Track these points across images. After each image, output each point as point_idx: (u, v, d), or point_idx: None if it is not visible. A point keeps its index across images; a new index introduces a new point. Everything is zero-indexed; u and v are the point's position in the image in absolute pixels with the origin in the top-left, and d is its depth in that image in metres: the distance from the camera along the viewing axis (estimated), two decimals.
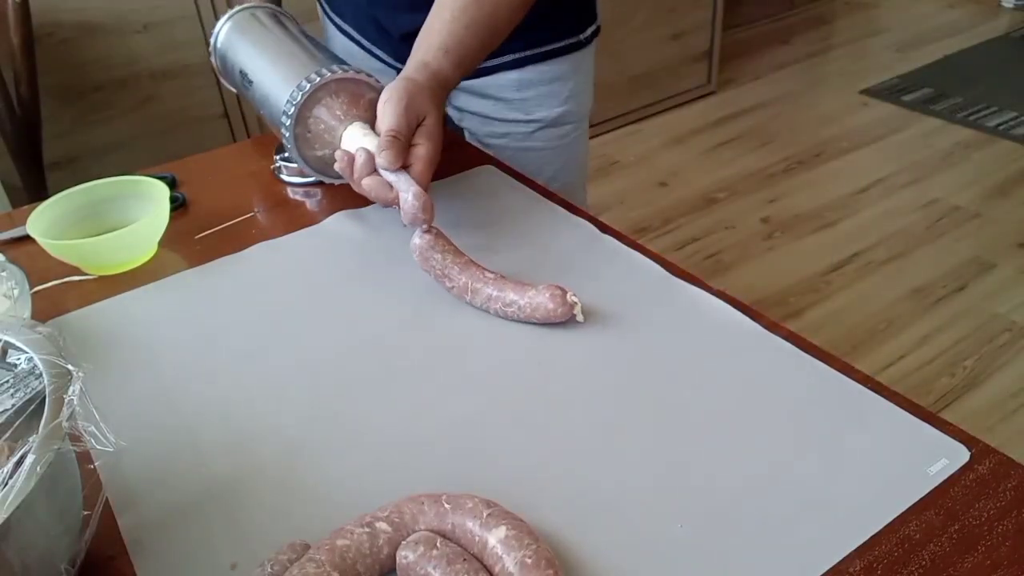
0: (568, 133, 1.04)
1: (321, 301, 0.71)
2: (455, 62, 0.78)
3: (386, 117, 0.71)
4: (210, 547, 0.49)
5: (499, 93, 1.00)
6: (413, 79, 0.75)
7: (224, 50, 0.87)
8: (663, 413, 0.57)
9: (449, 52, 0.78)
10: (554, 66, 0.99)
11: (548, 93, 1.00)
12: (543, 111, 1.01)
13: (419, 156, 0.71)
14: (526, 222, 0.80)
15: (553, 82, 1.00)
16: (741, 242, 2.27)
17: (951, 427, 0.54)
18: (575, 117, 1.04)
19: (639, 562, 0.47)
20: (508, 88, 0.99)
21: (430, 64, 0.77)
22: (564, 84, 1.01)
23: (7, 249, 0.80)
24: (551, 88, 1.00)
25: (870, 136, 2.76)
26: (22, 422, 0.46)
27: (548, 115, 1.01)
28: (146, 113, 1.99)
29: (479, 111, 1.02)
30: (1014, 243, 2.19)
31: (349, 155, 0.72)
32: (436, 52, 0.78)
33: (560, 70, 1.00)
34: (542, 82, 0.99)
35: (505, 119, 1.01)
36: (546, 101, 1.01)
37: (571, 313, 0.64)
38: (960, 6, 3.80)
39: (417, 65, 0.77)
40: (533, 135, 1.02)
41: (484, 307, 0.66)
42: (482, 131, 1.03)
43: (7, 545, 0.39)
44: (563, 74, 1.00)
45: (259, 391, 0.61)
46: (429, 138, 0.72)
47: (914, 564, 0.46)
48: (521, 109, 1.01)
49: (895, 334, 1.90)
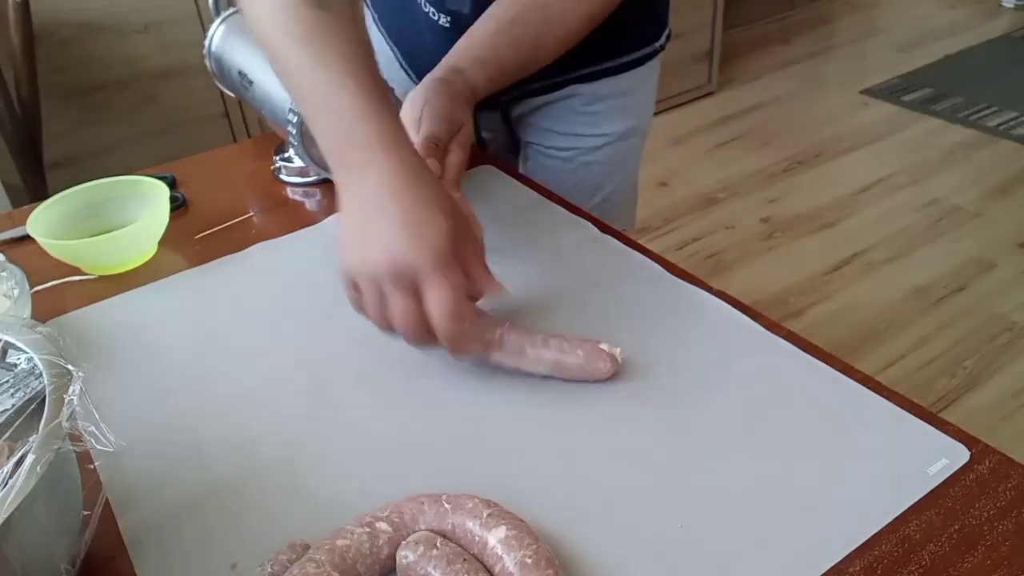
0: (633, 146, 0.99)
1: (321, 301, 0.71)
2: (489, 76, 0.75)
3: (427, 120, 0.68)
4: (210, 547, 0.49)
5: (569, 105, 0.94)
6: (449, 82, 0.72)
7: (220, 52, 0.87)
8: (663, 413, 0.57)
9: (485, 64, 0.75)
10: (627, 79, 0.94)
11: (618, 107, 0.95)
12: (612, 125, 0.96)
13: (452, 164, 0.68)
14: (526, 222, 0.79)
15: (624, 96, 0.95)
16: (741, 242, 2.27)
17: (951, 427, 0.54)
18: (640, 129, 0.99)
19: (639, 562, 0.47)
20: (578, 101, 0.94)
21: (463, 71, 0.74)
22: (633, 97, 0.96)
23: (7, 249, 0.80)
24: (621, 102, 0.95)
25: (870, 136, 2.76)
26: (22, 422, 0.46)
27: (617, 129, 0.96)
28: (146, 113, 1.99)
29: (546, 124, 0.97)
30: (1014, 243, 2.19)
31: None
32: (472, 61, 0.75)
33: (631, 83, 0.95)
34: (613, 96, 0.94)
35: (573, 133, 0.96)
36: (615, 115, 0.95)
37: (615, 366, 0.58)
38: (960, 6, 3.80)
39: (449, 69, 0.74)
40: (600, 149, 0.97)
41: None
42: (547, 144, 0.97)
43: (7, 545, 0.39)
44: (633, 87, 0.95)
45: (259, 391, 0.61)
46: (463, 147, 0.70)
47: (914, 564, 0.46)
48: (591, 123, 0.95)
49: (895, 334, 1.90)
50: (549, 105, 0.95)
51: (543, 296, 0.69)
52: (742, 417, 0.56)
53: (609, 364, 0.58)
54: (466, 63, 0.75)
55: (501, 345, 0.58)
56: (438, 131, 0.68)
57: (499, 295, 0.59)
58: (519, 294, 0.69)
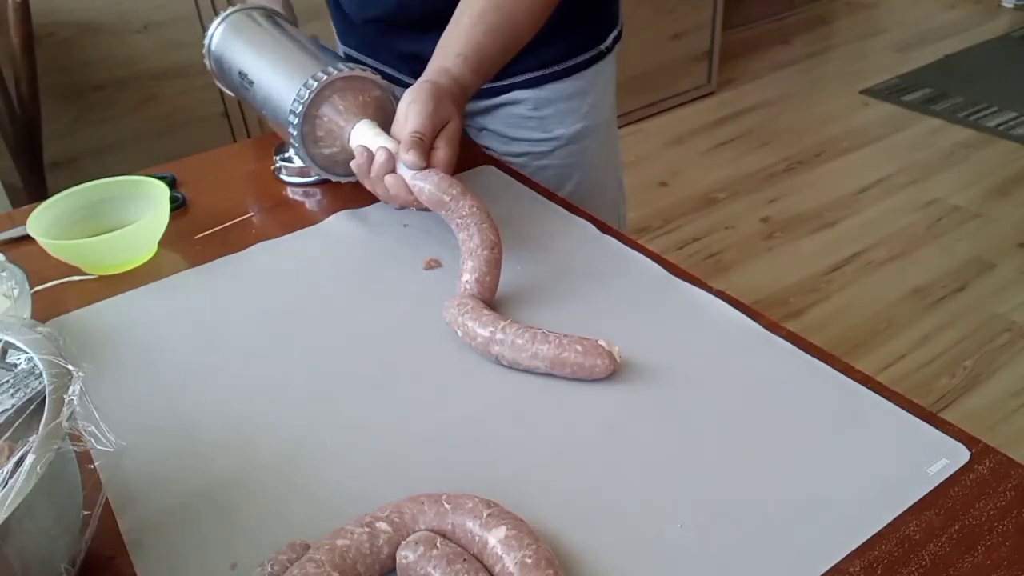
0: (588, 147, 0.99)
1: (321, 301, 0.71)
2: (474, 68, 0.77)
3: (411, 117, 0.70)
4: (210, 547, 0.49)
5: (515, 111, 0.96)
6: (436, 82, 0.74)
7: (220, 52, 0.87)
8: (663, 413, 0.57)
9: (468, 59, 0.77)
10: (572, 82, 0.95)
11: (566, 110, 0.96)
12: (562, 128, 0.96)
13: (439, 159, 0.70)
14: (526, 222, 0.79)
15: (571, 99, 0.95)
16: (741, 242, 2.27)
17: (951, 427, 0.54)
18: (593, 130, 0.99)
19: (639, 562, 0.47)
20: (524, 107, 0.95)
21: (450, 70, 0.76)
22: (583, 99, 0.96)
23: (7, 249, 0.80)
24: (569, 104, 0.96)
25: (870, 136, 2.76)
26: (22, 422, 0.46)
27: (567, 132, 0.97)
28: (146, 113, 1.99)
29: (496, 129, 0.99)
30: (1014, 243, 2.19)
31: (368, 153, 0.71)
32: (455, 58, 0.77)
33: (578, 85, 0.95)
34: (560, 99, 0.95)
35: (523, 138, 0.97)
36: (565, 118, 0.96)
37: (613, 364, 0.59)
38: (960, 6, 3.80)
39: (437, 70, 0.76)
40: (552, 153, 0.98)
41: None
42: (500, 150, 0.99)
43: (7, 545, 0.39)
44: (581, 89, 0.96)
45: (259, 391, 0.61)
46: (449, 143, 0.71)
47: (914, 564, 0.46)
48: (539, 127, 0.96)
49: (895, 334, 1.90)
50: (496, 109, 0.97)
51: (542, 296, 0.69)
52: (742, 417, 0.56)
53: (607, 361, 0.58)
54: (449, 62, 0.77)
55: (501, 339, 0.60)
56: (422, 126, 0.69)
57: None
58: (519, 294, 0.69)
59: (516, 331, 0.60)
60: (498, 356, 0.61)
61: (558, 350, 0.58)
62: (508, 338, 0.60)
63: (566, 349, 0.58)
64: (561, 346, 0.59)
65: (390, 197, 0.72)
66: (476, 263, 0.66)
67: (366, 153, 0.72)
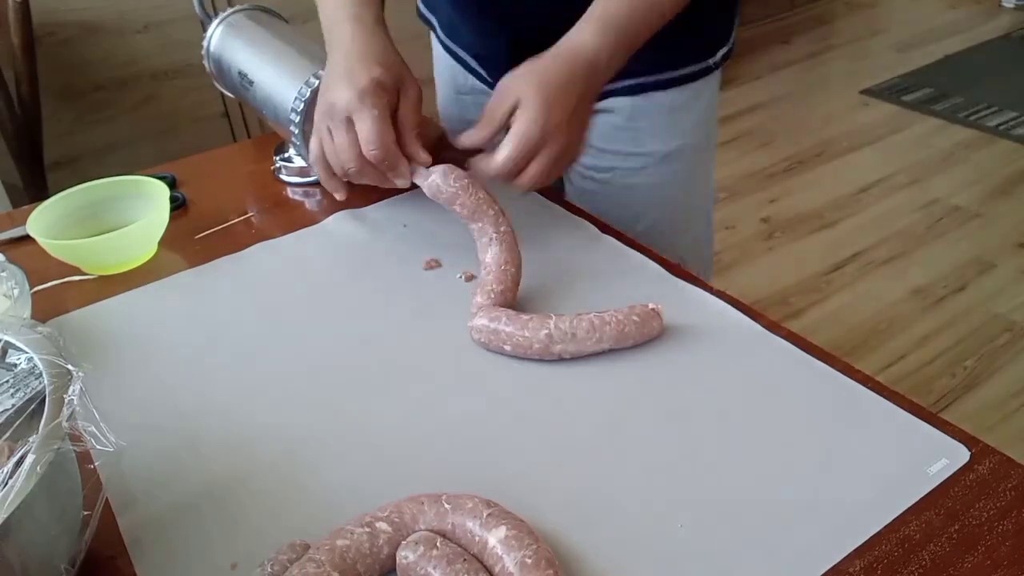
0: (679, 171, 0.89)
1: (321, 301, 0.71)
2: (627, 47, 0.68)
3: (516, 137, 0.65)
4: (210, 547, 0.49)
5: (608, 120, 0.87)
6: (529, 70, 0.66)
7: (219, 52, 0.88)
8: (663, 413, 0.57)
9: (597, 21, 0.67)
10: (674, 95, 0.86)
11: (665, 124, 0.87)
12: (656, 144, 0.87)
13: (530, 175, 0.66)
14: (526, 222, 0.79)
15: (672, 112, 0.87)
16: (741, 242, 2.27)
17: (951, 427, 0.54)
18: (693, 151, 0.90)
19: (639, 562, 0.47)
20: (618, 116, 0.86)
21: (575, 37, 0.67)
22: (685, 114, 0.87)
23: (7, 249, 0.80)
24: (670, 118, 0.87)
25: (870, 136, 2.76)
26: (22, 422, 0.46)
27: (662, 149, 0.87)
28: (146, 113, 1.99)
29: None
30: (1014, 243, 2.19)
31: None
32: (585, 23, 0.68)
33: (682, 98, 0.86)
34: (659, 111, 0.86)
35: (613, 151, 0.88)
36: (661, 133, 0.87)
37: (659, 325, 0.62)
38: (960, 6, 3.80)
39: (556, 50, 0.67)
40: (642, 170, 0.88)
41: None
42: (587, 163, 0.89)
43: (7, 545, 0.39)
44: (685, 103, 0.87)
45: (259, 391, 0.61)
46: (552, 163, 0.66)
47: (914, 564, 0.46)
48: (631, 141, 0.87)
49: (895, 334, 1.90)
50: None
51: (542, 296, 0.69)
52: (742, 417, 0.56)
53: (660, 320, 0.62)
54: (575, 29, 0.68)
55: (559, 337, 0.60)
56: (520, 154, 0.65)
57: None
58: (519, 293, 0.69)
59: (569, 324, 0.60)
60: (560, 354, 0.61)
61: (620, 327, 0.60)
62: (566, 334, 0.60)
63: (626, 324, 0.60)
64: (621, 323, 0.60)
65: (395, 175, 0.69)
66: (500, 276, 0.66)
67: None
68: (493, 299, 0.64)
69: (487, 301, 0.64)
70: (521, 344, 0.61)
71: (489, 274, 0.66)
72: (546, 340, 0.60)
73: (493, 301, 0.64)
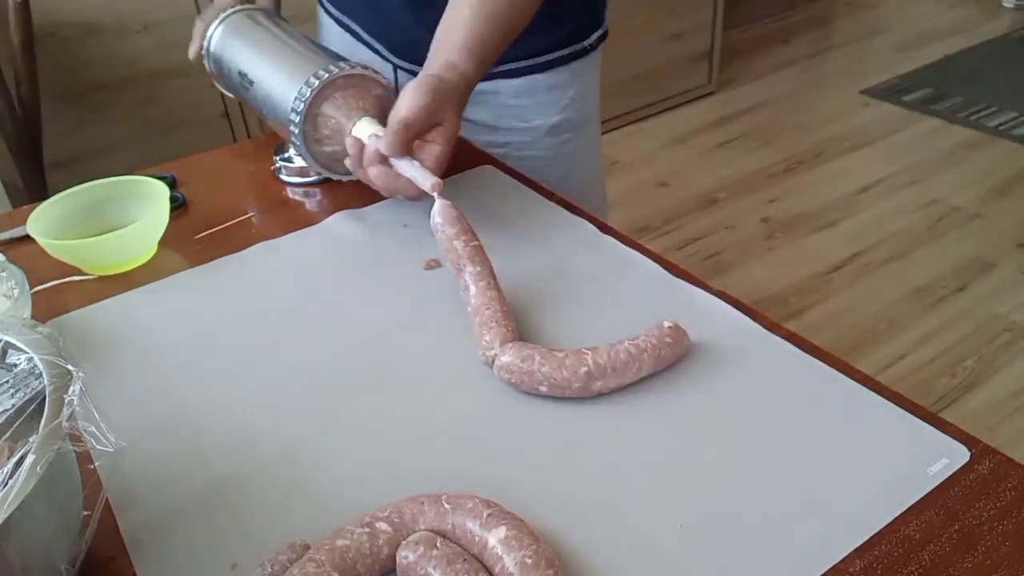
0: (568, 140, 1.01)
1: (321, 301, 0.71)
2: (478, 62, 0.76)
3: (403, 106, 0.70)
4: (210, 547, 0.49)
5: (497, 101, 0.97)
6: (442, 78, 0.73)
7: (219, 52, 0.87)
8: (663, 413, 0.57)
9: (473, 53, 0.76)
10: (554, 75, 0.97)
11: (547, 101, 0.98)
12: (541, 119, 0.98)
13: (433, 154, 0.70)
14: (526, 222, 0.79)
15: (552, 90, 0.97)
16: (741, 242, 2.27)
17: (951, 427, 0.54)
18: (575, 124, 1.01)
19: (639, 562, 0.47)
20: (505, 95, 0.97)
21: (457, 65, 0.75)
22: (564, 91, 0.98)
23: (7, 249, 0.80)
24: (550, 96, 0.98)
25: (870, 136, 2.76)
26: (22, 422, 0.46)
27: (546, 123, 0.98)
28: (146, 113, 1.99)
29: (478, 119, 1.00)
30: (1014, 243, 2.19)
31: (360, 143, 0.72)
32: (461, 52, 0.75)
33: (560, 78, 0.97)
34: (540, 90, 0.97)
35: (503, 127, 0.99)
36: (544, 109, 0.98)
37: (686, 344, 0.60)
38: (960, 6, 3.80)
39: (445, 64, 0.75)
40: (533, 143, 0.99)
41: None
42: (483, 140, 1.00)
43: (7, 545, 0.39)
44: (563, 82, 0.98)
45: (259, 391, 0.61)
46: (447, 140, 0.71)
47: (914, 564, 0.46)
48: (519, 116, 0.98)
49: (895, 334, 1.90)
50: (479, 98, 0.95)
51: (542, 296, 0.69)
52: (742, 417, 0.56)
53: (688, 337, 0.60)
54: (455, 55, 0.75)
55: (597, 374, 0.57)
56: (412, 115, 0.69)
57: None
58: (519, 294, 0.69)
59: (606, 359, 0.57)
60: (600, 391, 0.57)
61: (655, 351, 0.58)
62: (605, 369, 0.57)
63: (661, 348, 0.58)
64: (656, 348, 0.58)
65: (379, 187, 0.72)
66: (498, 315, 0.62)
67: (357, 144, 0.72)
68: (506, 332, 0.61)
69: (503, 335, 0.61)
70: (559, 385, 0.57)
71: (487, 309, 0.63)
72: (585, 379, 0.56)
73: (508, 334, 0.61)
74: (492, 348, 0.60)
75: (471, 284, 0.64)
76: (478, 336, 0.62)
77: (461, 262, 0.65)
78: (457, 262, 0.65)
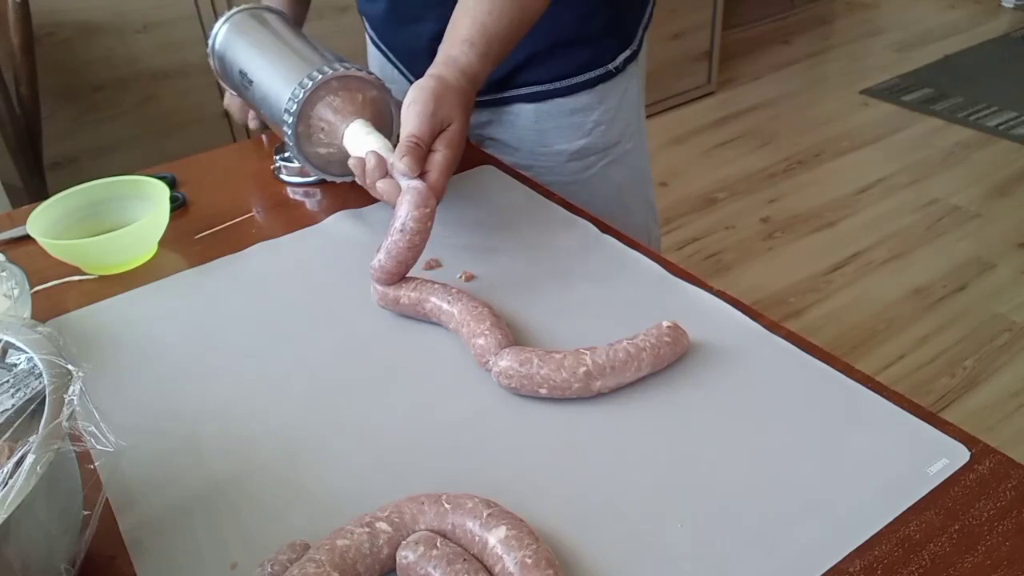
0: (593, 164, 0.96)
1: (321, 301, 0.71)
2: (481, 53, 0.74)
3: (410, 121, 0.68)
4: (210, 547, 0.49)
5: (517, 122, 0.95)
6: (441, 78, 0.72)
7: (223, 51, 0.88)
8: (663, 412, 0.57)
9: (475, 44, 0.74)
10: (576, 99, 0.92)
11: (569, 125, 0.94)
12: (563, 143, 0.94)
13: (436, 163, 0.68)
14: (526, 222, 0.79)
15: (574, 114, 0.93)
16: (741, 242, 2.27)
17: (951, 427, 0.54)
18: (600, 148, 0.96)
19: (639, 562, 0.47)
20: (526, 119, 0.94)
21: (457, 59, 0.74)
22: (587, 116, 0.94)
23: (7, 249, 0.80)
24: (572, 120, 0.93)
25: (870, 136, 2.76)
26: (22, 422, 0.46)
27: (569, 147, 0.94)
28: (146, 113, 1.99)
29: (501, 139, 0.97)
30: (1014, 243, 2.19)
31: (362, 162, 0.70)
32: (462, 44, 0.74)
33: (582, 102, 0.93)
34: (562, 114, 0.93)
35: (526, 150, 0.96)
36: (566, 133, 0.94)
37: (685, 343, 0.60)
38: (960, 6, 3.80)
39: (445, 60, 0.74)
40: (555, 168, 0.95)
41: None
42: (508, 160, 0.95)
43: (7, 545, 0.39)
44: (586, 106, 0.93)
45: (259, 391, 0.61)
46: (449, 145, 0.70)
47: (914, 564, 0.46)
48: (539, 141, 0.95)
49: (895, 334, 1.90)
50: (500, 120, 0.96)
51: (542, 296, 0.69)
52: (742, 417, 0.56)
53: (687, 336, 0.60)
54: (455, 49, 0.74)
55: (597, 373, 0.57)
56: (419, 131, 0.68)
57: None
58: (519, 295, 0.69)
59: (605, 358, 0.57)
60: (600, 390, 0.57)
61: (654, 351, 0.58)
62: (604, 368, 0.57)
63: (660, 347, 0.58)
64: (655, 347, 0.58)
65: (387, 201, 0.71)
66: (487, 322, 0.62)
67: (360, 163, 0.70)
68: (501, 337, 0.61)
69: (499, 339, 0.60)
70: (559, 386, 0.57)
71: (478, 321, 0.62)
72: (584, 379, 0.56)
73: (503, 338, 0.61)
74: (487, 355, 0.60)
75: (442, 304, 0.64)
76: (470, 346, 0.61)
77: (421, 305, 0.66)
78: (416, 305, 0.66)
